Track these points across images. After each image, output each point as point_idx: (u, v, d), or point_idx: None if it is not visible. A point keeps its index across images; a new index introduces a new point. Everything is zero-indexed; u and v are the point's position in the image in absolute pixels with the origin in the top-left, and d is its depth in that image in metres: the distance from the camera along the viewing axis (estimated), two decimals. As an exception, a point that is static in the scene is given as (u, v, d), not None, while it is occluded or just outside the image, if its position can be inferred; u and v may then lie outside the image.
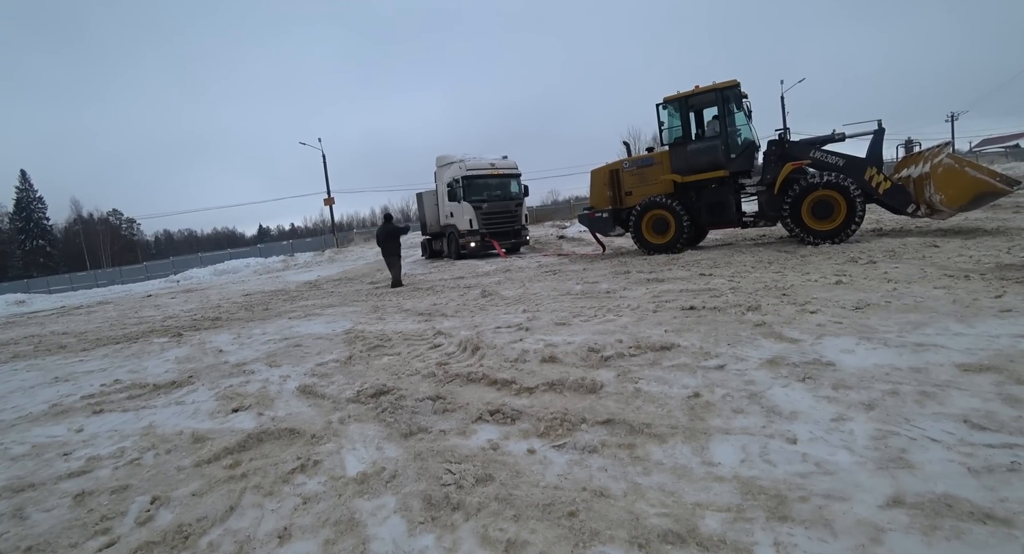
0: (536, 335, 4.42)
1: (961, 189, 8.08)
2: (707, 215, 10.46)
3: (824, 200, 8.82)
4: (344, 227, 64.50)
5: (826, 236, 8.79)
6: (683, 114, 10.43)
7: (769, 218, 10.07)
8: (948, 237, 8.07)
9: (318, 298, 10.24)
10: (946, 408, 2.32)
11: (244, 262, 28.93)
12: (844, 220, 8.71)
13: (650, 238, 10.74)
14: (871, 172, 8.90)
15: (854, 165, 9.03)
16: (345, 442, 2.73)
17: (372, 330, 5.72)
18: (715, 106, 10.22)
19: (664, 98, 10.60)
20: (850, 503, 1.75)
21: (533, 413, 2.75)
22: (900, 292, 4.58)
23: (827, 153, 9.28)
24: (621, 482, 2.02)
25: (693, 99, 10.33)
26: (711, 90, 9.99)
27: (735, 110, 9.96)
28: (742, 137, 10.13)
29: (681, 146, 10.46)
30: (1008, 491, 1.71)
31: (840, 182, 8.68)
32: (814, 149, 9.37)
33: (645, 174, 11.09)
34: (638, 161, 11.38)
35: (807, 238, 8.96)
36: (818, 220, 8.91)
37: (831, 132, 9.51)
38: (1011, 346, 2.95)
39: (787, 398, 2.60)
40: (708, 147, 10.17)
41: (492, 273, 11.01)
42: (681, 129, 10.47)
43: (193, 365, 5.04)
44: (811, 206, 8.92)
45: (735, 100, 9.92)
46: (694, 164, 10.30)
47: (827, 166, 9.13)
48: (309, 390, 3.73)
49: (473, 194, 15.98)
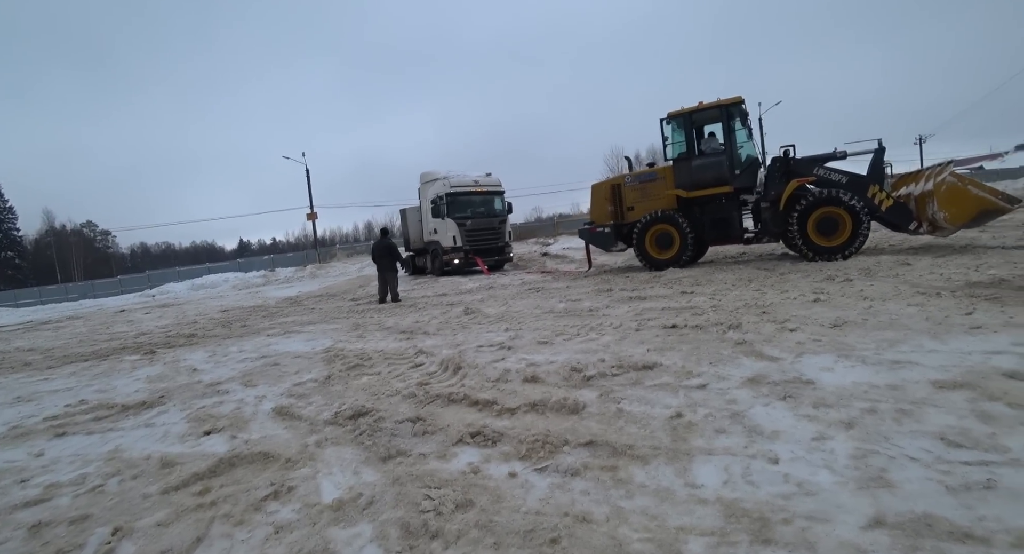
0: (518, 354, 4.39)
1: (964, 207, 8.23)
2: (711, 231, 10.44)
3: (829, 217, 8.89)
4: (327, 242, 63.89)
5: (831, 252, 8.84)
6: (687, 130, 10.43)
7: (773, 234, 10.06)
8: (919, 255, 8.30)
9: (298, 315, 10.06)
10: (923, 426, 2.35)
11: (223, 277, 28.39)
12: (849, 237, 8.79)
13: (653, 253, 10.68)
14: (874, 189, 9.02)
15: (857, 183, 9.14)
16: (321, 466, 2.65)
17: (352, 348, 5.62)
18: (719, 122, 10.23)
19: (668, 113, 10.58)
20: (832, 524, 1.74)
21: (515, 435, 2.70)
22: (876, 309, 4.67)
23: (830, 170, 9.39)
24: (604, 506, 1.98)
25: (697, 115, 10.35)
26: (716, 106, 10.02)
27: (739, 126, 10.02)
28: (746, 153, 10.20)
29: (685, 161, 10.43)
30: (985, 509, 1.72)
31: (845, 199, 8.76)
32: (818, 166, 9.46)
33: (648, 189, 11.02)
34: (641, 176, 11.31)
35: (812, 254, 9.01)
36: (823, 236, 8.98)
37: (832, 150, 9.64)
38: (982, 363, 3.02)
39: (768, 417, 2.61)
40: (713, 163, 10.14)
41: (475, 290, 10.96)
42: (685, 144, 10.44)
43: (165, 384, 4.88)
44: (816, 223, 8.99)
45: (739, 116, 9.96)
46: (698, 180, 10.28)
47: (831, 183, 9.23)
48: (285, 411, 3.62)
49: (457, 211, 16.00)
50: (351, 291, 14.76)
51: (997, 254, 7.57)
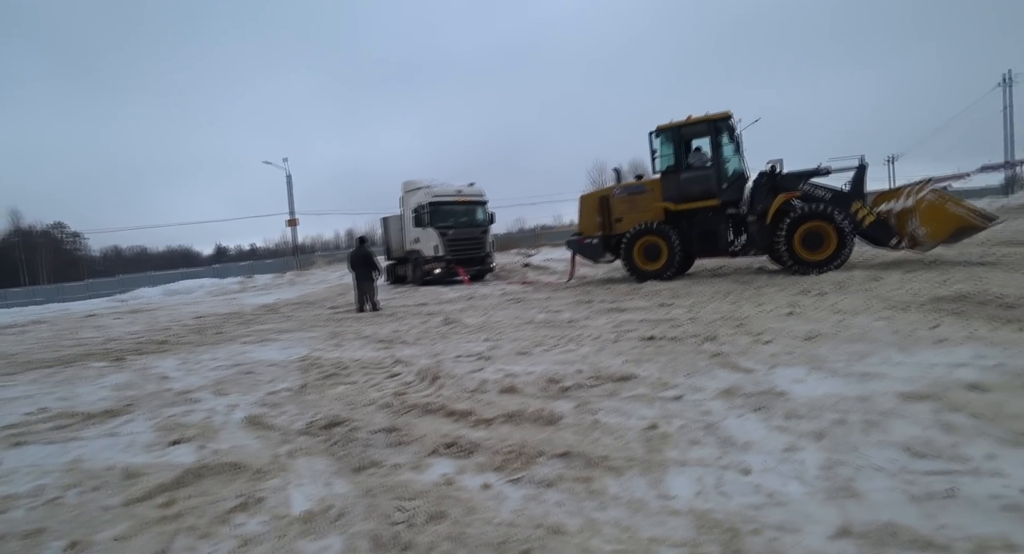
0: (497, 365, 4.38)
1: (943, 223, 8.48)
2: (699, 244, 10.52)
3: (815, 231, 9.10)
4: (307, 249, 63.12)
5: (817, 266, 9.01)
6: (676, 143, 10.52)
7: (759, 248, 10.19)
8: (890, 270, 8.54)
9: (275, 322, 9.88)
10: (889, 436, 2.40)
11: (198, 282, 27.74)
12: (834, 251, 8.99)
13: (641, 264, 10.70)
14: (856, 205, 9.25)
15: (841, 198, 9.37)
16: (292, 477, 2.59)
17: (329, 357, 5.54)
18: (707, 136, 10.36)
19: (657, 127, 10.65)
20: (801, 535, 1.76)
21: (490, 446, 2.68)
22: (847, 323, 4.78)
23: (815, 186, 9.59)
24: (577, 517, 1.98)
25: (686, 129, 10.46)
26: (704, 120, 10.17)
27: (726, 141, 10.17)
28: (732, 168, 10.33)
29: (673, 175, 10.50)
30: (946, 517, 1.77)
31: (831, 214, 8.97)
32: (803, 182, 9.65)
33: (636, 201, 11.04)
34: (629, 188, 11.35)
35: (798, 267, 9.17)
36: (808, 250, 9.15)
37: (817, 166, 9.82)
38: (946, 375, 3.11)
39: (741, 428, 2.64)
40: (701, 176, 10.23)
41: (456, 300, 10.92)
42: (673, 158, 10.54)
43: (132, 392, 4.74)
44: (802, 237, 9.16)
45: (727, 131, 10.12)
46: (686, 193, 10.36)
47: (816, 199, 9.43)
48: (257, 421, 3.54)
49: (439, 220, 15.94)
50: (330, 299, 14.56)
51: (961, 270, 7.84)
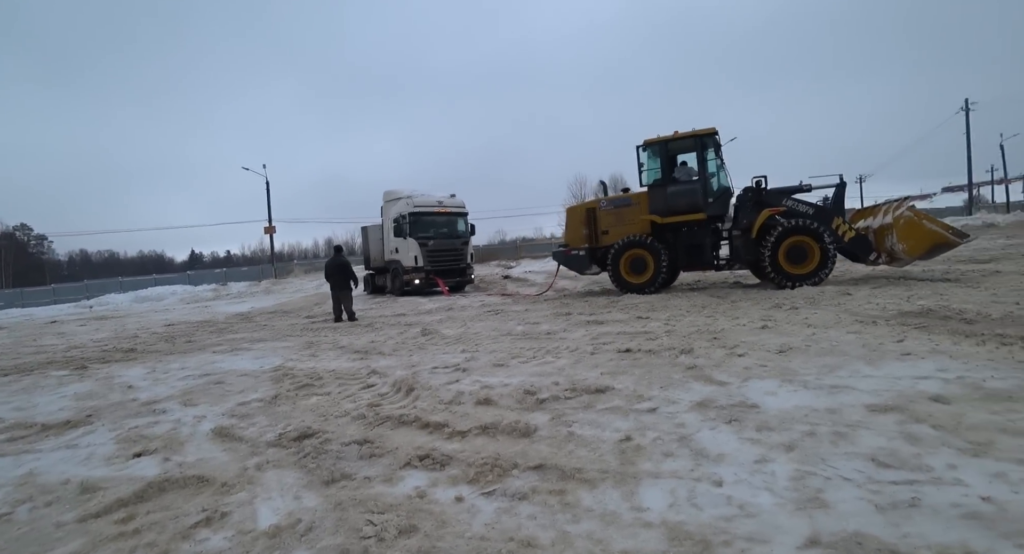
0: (473, 376, 4.35)
1: (920, 240, 8.84)
2: (684, 257, 10.61)
3: (798, 246, 9.32)
4: (284, 257, 62.16)
5: (801, 280, 9.22)
6: (663, 157, 10.66)
7: (744, 261, 10.34)
8: (859, 286, 8.79)
9: (248, 331, 9.67)
10: (857, 447, 2.45)
11: (171, 289, 27.02)
12: (818, 265, 9.22)
13: (628, 277, 10.74)
14: (837, 221, 9.53)
15: (823, 214, 9.64)
16: (260, 491, 2.52)
17: (303, 367, 5.43)
18: (693, 151, 10.52)
19: (645, 141, 10.80)
20: (771, 546, 1.77)
21: (464, 458, 2.65)
22: (818, 336, 4.89)
23: (798, 202, 9.85)
24: (550, 530, 1.96)
25: (673, 144, 10.61)
26: (691, 136, 10.35)
27: (712, 156, 10.36)
28: (718, 183, 10.51)
29: (660, 188, 10.62)
30: (910, 526, 1.81)
31: (815, 229, 9.21)
32: (786, 197, 9.89)
33: (622, 214, 11.12)
34: (615, 201, 11.44)
35: (784, 281, 9.34)
36: (792, 264, 9.36)
37: (799, 183, 10.10)
38: (910, 387, 3.20)
39: (714, 440, 2.66)
40: (688, 190, 10.34)
41: (434, 311, 10.85)
42: (660, 172, 10.66)
43: (95, 402, 4.56)
44: (786, 251, 9.36)
45: (713, 146, 10.33)
46: (673, 206, 10.46)
47: (799, 214, 9.68)
48: (225, 432, 3.44)
49: (419, 231, 15.88)
50: (307, 308, 14.33)
51: (926, 286, 8.11)
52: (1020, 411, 2.73)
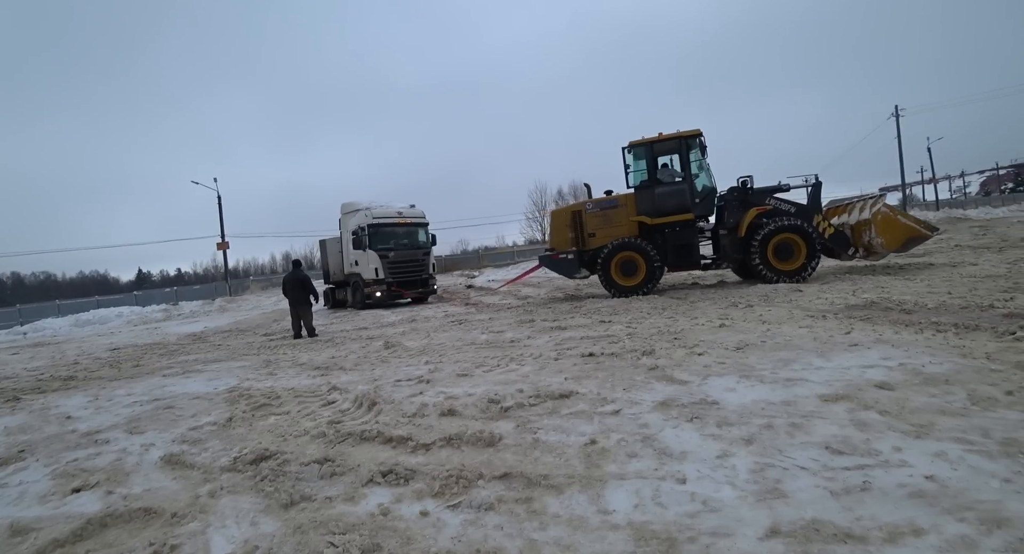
0: (437, 387, 4.28)
1: (896, 234, 9.42)
2: (673, 258, 10.64)
3: (785, 243, 9.62)
4: (239, 274, 59.97)
5: (790, 276, 9.52)
6: (649, 159, 10.68)
7: (731, 260, 10.53)
8: (808, 283, 9.20)
9: (202, 352, 9.23)
10: (811, 437, 2.54)
11: (116, 311, 25.45)
12: (804, 261, 9.53)
13: (619, 280, 10.64)
14: (818, 218, 9.89)
15: (804, 212, 9.99)
16: (214, 519, 2.39)
17: (260, 387, 5.21)
18: (678, 152, 10.61)
19: (630, 142, 10.79)
20: (734, 538, 1.81)
21: (428, 471, 2.59)
22: (773, 332, 5.06)
23: (781, 200, 10.17)
24: (517, 540, 1.94)
25: (658, 145, 10.65)
26: (676, 137, 10.46)
27: (699, 157, 10.51)
28: (702, 183, 10.65)
29: (647, 189, 10.62)
30: (862, 510, 1.88)
31: (802, 226, 9.53)
32: (769, 197, 10.18)
33: (609, 216, 11.05)
34: (601, 203, 11.32)
35: (772, 277, 9.62)
36: (780, 261, 9.65)
37: (778, 183, 10.44)
38: (859, 376, 3.35)
39: (677, 439, 2.70)
40: (676, 191, 10.40)
41: (397, 323, 10.66)
42: (647, 173, 10.69)
43: (28, 437, 4.23)
44: (774, 248, 9.64)
45: (699, 147, 10.46)
46: (661, 207, 10.49)
47: (783, 212, 10.01)
48: (176, 460, 3.25)
49: (379, 242, 15.62)
50: (264, 325, 13.83)
51: (869, 280, 8.57)
52: (956, 393, 2.90)
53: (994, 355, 3.55)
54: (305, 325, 10.03)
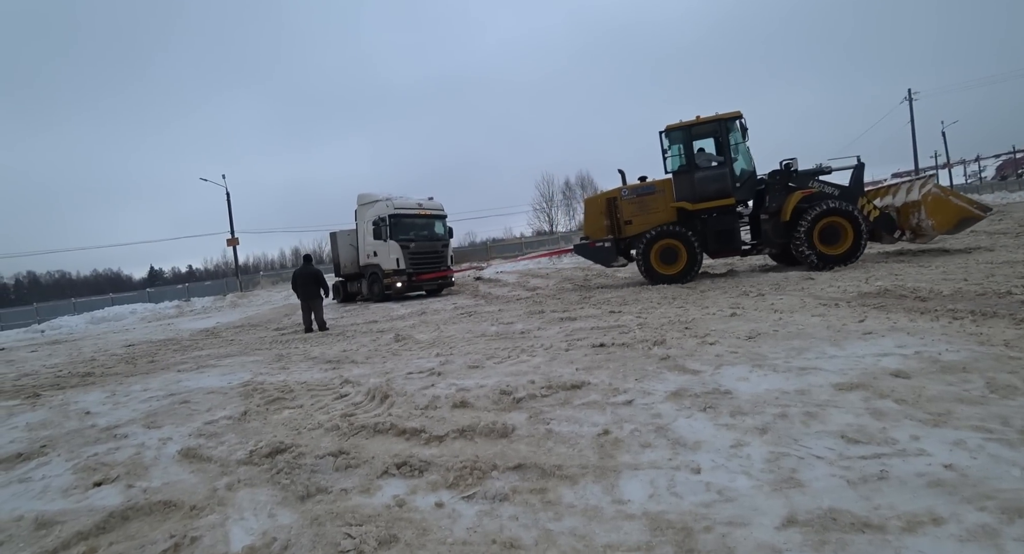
0: (448, 380, 4.30)
1: (947, 215, 9.11)
2: (713, 244, 10.33)
3: (831, 226, 9.33)
4: (250, 269, 60.46)
5: (838, 260, 9.24)
6: (687, 143, 10.33)
7: (772, 245, 10.21)
8: (820, 271, 9.10)
9: (215, 347, 9.34)
10: (827, 426, 2.52)
11: (130, 308, 25.83)
12: (852, 245, 9.25)
13: (659, 268, 10.31)
14: (862, 201, 9.65)
15: (848, 194, 9.71)
16: (232, 511, 2.42)
17: (273, 381, 5.27)
18: (717, 136, 10.27)
19: (667, 126, 10.45)
20: (750, 528, 1.80)
21: (442, 463, 2.61)
22: (785, 321, 5.02)
23: (824, 184, 9.88)
24: (532, 530, 1.94)
25: (696, 128, 10.27)
26: (715, 120, 10.10)
27: (739, 140, 10.13)
28: (741, 167, 10.30)
29: (686, 174, 10.29)
30: (880, 499, 1.86)
31: (850, 209, 9.25)
32: (812, 180, 9.89)
33: (646, 202, 10.74)
34: (638, 189, 10.98)
35: (819, 262, 9.31)
36: (826, 245, 9.37)
37: (818, 165, 10.17)
38: (873, 365, 3.32)
39: (691, 429, 2.69)
40: (716, 175, 10.07)
41: (407, 316, 10.72)
42: (685, 157, 10.35)
43: (49, 432, 4.32)
44: (820, 232, 9.36)
45: (741, 130, 10.08)
46: (702, 192, 10.14)
47: (827, 196, 9.72)
48: (193, 453, 3.30)
49: (400, 233, 15.61)
50: (275, 320, 13.96)
51: (882, 267, 8.46)
52: (973, 381, 2.86)
53: (1013, 342, 3.49)
54: (316, 319, 10.11)
